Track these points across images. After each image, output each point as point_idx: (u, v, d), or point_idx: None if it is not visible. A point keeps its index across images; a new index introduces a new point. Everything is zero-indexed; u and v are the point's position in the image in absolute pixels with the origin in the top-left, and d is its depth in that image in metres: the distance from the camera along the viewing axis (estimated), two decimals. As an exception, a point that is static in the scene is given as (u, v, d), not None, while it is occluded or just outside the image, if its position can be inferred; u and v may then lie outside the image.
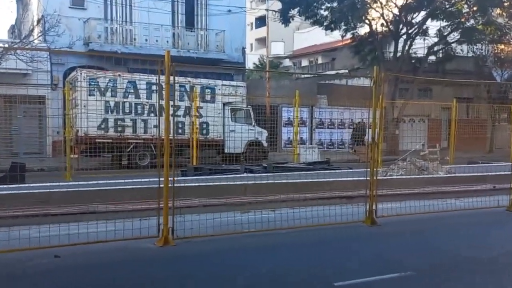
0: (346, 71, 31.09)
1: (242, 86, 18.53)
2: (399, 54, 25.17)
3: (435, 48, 26.20)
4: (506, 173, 10.09)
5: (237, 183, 8.75)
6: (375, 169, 7.57)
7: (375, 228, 7.29)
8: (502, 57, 31.99)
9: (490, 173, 11.53)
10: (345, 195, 8.84)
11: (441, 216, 8.14)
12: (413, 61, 26.84)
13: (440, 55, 28.04)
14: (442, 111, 27.14)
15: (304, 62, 44.43)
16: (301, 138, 20.70)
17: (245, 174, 10.69)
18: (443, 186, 10.10)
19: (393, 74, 18.42)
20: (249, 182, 8.82)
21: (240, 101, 18.02)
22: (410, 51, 25.67)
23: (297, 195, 8.46)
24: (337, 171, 11.85)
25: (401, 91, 26.17)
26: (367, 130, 17.66)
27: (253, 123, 18.17)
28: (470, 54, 30.09)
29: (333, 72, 33.45)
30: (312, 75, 31.32)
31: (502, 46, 32.25)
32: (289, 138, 22.35)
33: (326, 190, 9.04)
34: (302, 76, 30.66)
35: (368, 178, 7.57)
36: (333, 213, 7.51)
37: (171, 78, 6.06)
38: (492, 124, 26.62)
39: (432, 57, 27.31)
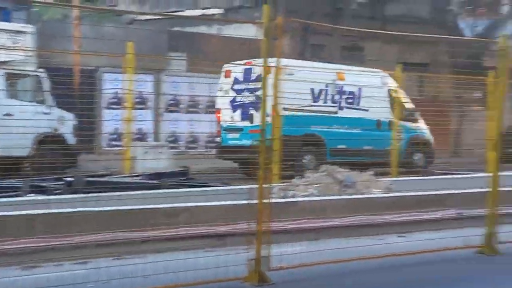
0: (221, 11, 31.44)
1: (27, 32, 17.96)
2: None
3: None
4: (478, 190, 10.89)
5: (15, 213, 8.47)
6: (265, 185, 7.74)
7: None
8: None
9: (453, 191, 12.37)
10: (216, 232, 9.02)
11: (373, 267, 8.58)
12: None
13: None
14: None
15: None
16: (139, 130, 20.50)
17: (32, 196, 10.43)
18: (380, 213, 10.62)
19: (299, 21, 18.99)
20: (39, 212, 8.62)
21: (23, 60, 17.46)
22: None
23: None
24: (209, 188, 12.00)
25: (314, 49, 27.16)
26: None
27: (49, 102, 17.67)
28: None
29: (197, 13, 33.70)
30: (159, 17, 31.20)
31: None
32: (116, 129, 22.05)
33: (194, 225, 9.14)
34: (142, 18, 30.48)
35: (254, 202, 7.75)
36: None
37: None
38: (459, 109, 28.61)
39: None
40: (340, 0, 29.11)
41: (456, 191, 12.40)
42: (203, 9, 33.87)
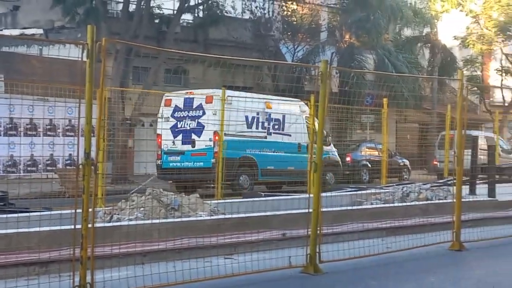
0: (41, 31, 30.70)
1: None
2: (133, 7, 26.05)
3: (193, 2, 27.97)
4: (301, 211, 11.21)
5: None
6: (89, 209, 7.64)
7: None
8: (295, 22, 35.98)
9: (277, 213, 12.68)
10: (38, 259, 8.68)
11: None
12: (158, 21, 28.05)
13: (200, 13, 29.96)
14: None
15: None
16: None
17: None
18: (206, 236, 10.70)
19: (123, 42, 18.89)
20: None
21: None
22: (153, 5, 26.83)
23: None
24: (30, 213, 11.63)
25: (137, 72, 27.05)
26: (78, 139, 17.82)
27: None
28: (248, 16, 32.90)
29: (15, 32, 32.75)
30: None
31: (294, 6, 36.13)
32: None
33: None
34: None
35: (78, 227, 7.59)
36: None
37: None
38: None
39: (188, 17, 29.01)
40: (163, 23, 29.23)
41: (280, 212, 12.73)
42: (22, 28, 32.97)
